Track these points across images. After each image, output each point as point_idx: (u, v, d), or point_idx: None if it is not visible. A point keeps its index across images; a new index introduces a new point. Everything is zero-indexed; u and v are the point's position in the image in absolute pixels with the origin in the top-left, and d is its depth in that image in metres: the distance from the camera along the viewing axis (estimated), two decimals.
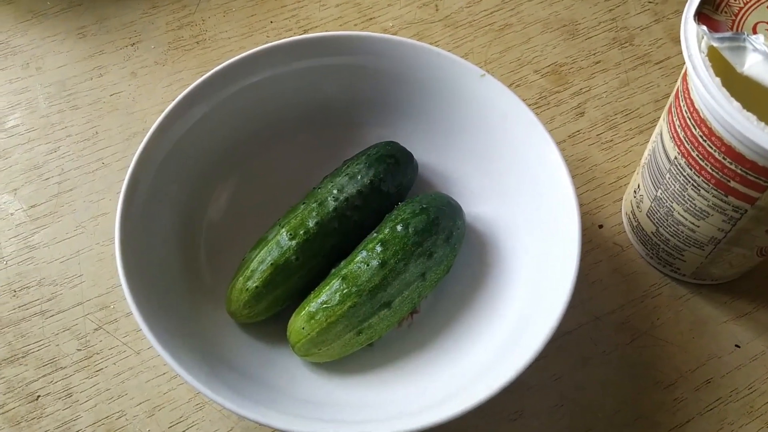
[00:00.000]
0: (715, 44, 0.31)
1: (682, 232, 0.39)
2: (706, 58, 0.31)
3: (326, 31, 0.53)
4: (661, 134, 0.38)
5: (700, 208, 0.37)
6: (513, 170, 0.42)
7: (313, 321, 0.37)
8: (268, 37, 0.53)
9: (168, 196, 0.39)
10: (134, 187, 0.37)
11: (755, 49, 0.30)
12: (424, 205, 0.40)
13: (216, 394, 0.32)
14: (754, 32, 0.32)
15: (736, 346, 0.41)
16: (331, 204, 0.40)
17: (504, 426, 0.39)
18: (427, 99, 0.44)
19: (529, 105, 0.49)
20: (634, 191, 0.43)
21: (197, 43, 0.52)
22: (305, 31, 0.53)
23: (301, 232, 0.39)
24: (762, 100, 0.31)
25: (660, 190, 0.39)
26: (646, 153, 0.41)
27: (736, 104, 0.30)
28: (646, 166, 0.40)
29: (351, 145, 0.44)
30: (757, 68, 0.30)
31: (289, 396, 0.37)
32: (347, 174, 0.41)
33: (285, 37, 0.52)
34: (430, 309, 0.41)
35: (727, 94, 0.30)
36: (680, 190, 0.37)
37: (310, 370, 0.39)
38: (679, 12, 0.55)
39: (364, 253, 0.38)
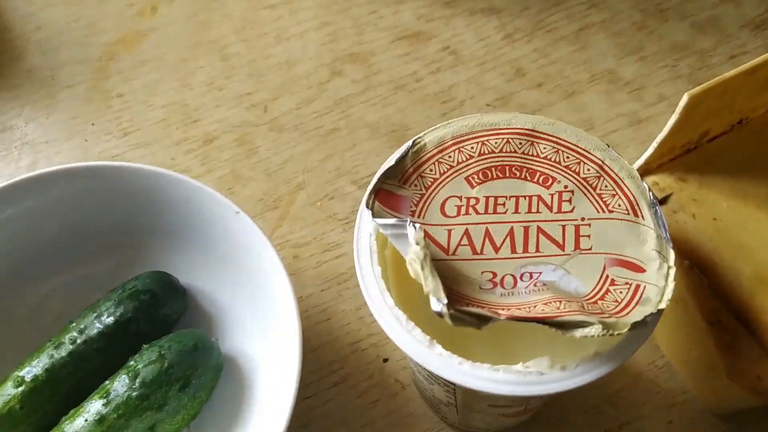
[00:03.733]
0: (381, 231, 0.29)
1: (427, 390, 0.37)
2: (375, 242, 0.29)
3: (148, 133, 0.52)
4: None
5: (423, 374, 0.34)
6: (270, 309, 0.40)
7: None
8: (86, 141, 0.52)
9: None
10: None
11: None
12: (163, 352, 0.38)
13: None
14: (442, 209, 0.29)
15: None
16: (68, 347, 0.38)
17: None
18: (195, 230, 0.42)
19: (339, 220, 0.48)
20: None
21: (16, 148, 0.52)
22: (125, 134, 0.52)
23: (28, 379, 0.38)
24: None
25: None
26: None
27: (390, 300, 0.28)
28: None
29: (131, 272, 0.43)
30: (413, 262, 0.27)
31: None
32: (95, 312, 0.40)
33: (104, 141, 0.51)
34: None
35: (383, 286, 0.28)
36: None
37: None
38: None
39: (88, 405, 0.37)
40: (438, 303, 0.25)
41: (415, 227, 0.27)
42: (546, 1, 0.57)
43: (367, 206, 0.29)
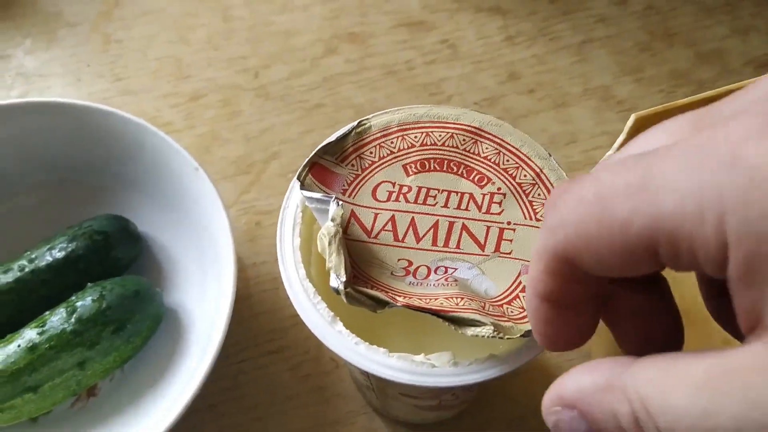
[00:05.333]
0: (306, 203, 0.29)
1: (352, 371, 0.37)
2: (301, 214, 0.30)
3: (139, 82, 0.53)
4: None
5: None
6: (213, 269, 0.40)
7: None
8: (79, 80, 0.53)
9: None
10: None
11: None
12: (104, 292, 0.39)
13: None
14: (374, 192, 0.30)
15: None
16: (15, 273, 0.40)
17: None
18: (158, 181, 0.43)
19: None
20: None
21: (10, 77, 0.53)
22: (117, 80, 0.53)
23: None
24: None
25: None
26: None
27: (302, 272, 0.28)
28: None
29: (93, 212, 0.44)
30: (322, 237, 0.27)
31: None
32: (49, 244, 0.41)
33: (96, 83, 0.52)
34: (113, 392, 0.41)
35: (299, 257, 0.28)
36: None
37: None
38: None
39: (24, 332, 0.38)
40: (336, 279, 0.25)
41: (337, 204, 0.28)
42: (555, 8, 0.57)
43: (298, 177, 0.29)
